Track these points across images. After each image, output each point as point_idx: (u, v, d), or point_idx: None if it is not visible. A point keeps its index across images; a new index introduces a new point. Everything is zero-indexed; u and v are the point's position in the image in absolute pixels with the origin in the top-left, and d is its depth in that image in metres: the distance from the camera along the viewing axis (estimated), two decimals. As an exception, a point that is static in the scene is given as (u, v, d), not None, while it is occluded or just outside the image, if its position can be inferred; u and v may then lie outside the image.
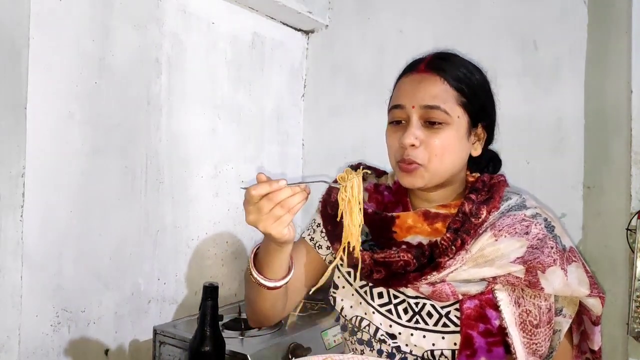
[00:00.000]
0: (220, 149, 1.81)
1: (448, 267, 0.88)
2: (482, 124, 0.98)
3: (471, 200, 0.94)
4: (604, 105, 1.49)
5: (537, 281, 0.87)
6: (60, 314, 1.37)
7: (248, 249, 1.93)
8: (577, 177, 1.54)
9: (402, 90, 0.96)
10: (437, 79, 0.93)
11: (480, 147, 0.99)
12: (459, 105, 0.92)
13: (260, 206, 0.82)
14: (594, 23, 1.52)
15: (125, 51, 1.49)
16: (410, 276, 0.90)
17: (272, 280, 0.93)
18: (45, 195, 1.32)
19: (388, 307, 0.96)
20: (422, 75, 0.94)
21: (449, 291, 0.89)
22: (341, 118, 2.03)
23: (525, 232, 0.90)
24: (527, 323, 0.89)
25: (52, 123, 1.34)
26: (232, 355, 1.32)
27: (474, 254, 0.89)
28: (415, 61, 0.99)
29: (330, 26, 2.08)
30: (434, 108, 0.91)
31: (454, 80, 0.93)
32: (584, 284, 0.90)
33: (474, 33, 1.72)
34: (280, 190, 0.81)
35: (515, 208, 0.94)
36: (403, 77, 0.98)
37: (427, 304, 0.93)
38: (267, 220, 0.82)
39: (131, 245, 1.53)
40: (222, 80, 1.80)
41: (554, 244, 0.91)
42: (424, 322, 0.93)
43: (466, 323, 0.88)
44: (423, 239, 0.95)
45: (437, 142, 0.91)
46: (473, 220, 0.91)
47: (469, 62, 0.99)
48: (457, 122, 0.92)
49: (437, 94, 0.92)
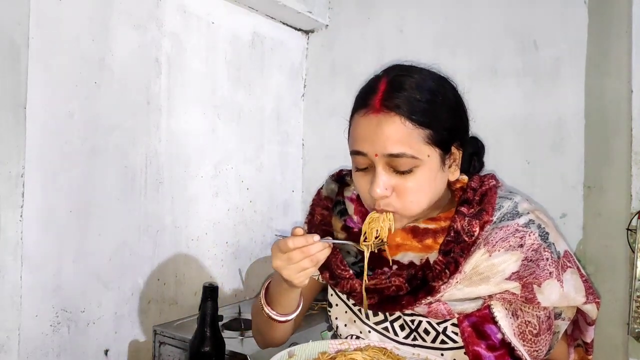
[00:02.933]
0: (220, 149, 1.80)
1: (442, 291, 0.86)
2: (455, 144, 0.89)
3: (462, 214, 0.89)
4: (604, 105, 1.49)
5: (534, 297, 0.86)
6: (59, 314, 1.37)
7: (248, 249, 1.92)
8: (577, 177, 1.54)
9: (359, 133, 0.87)
10: (395, 119, 0.82)
11: (458, 168, 0.92)
12: (425, 143, 0.84)
13: (292, 256, 0.83)
14: (594, 23, 1.52)
15: (125, 51, 1.49)
16: (404, 300, 0.88)
17: (283, 315, 0.95)
18: (45, 195, 1.32)
19: (384, 325, 0.94)
20: (377, 116, 0.84)
21: (445, 311, 0.87)
22: (341, 118, 2.03)
23: (520, 245, 0.86)
24: (527, 333, 0.88)
25: (52, 123, 1.34)
26: (232, 356, 1.32)
27: (468, 272, 0.86)
28: (367, 91, 0.88)
29: (330, 26, 2.08)
30: (399, 156, 0.83)
31: (414, 115, 0.83)
32: (579, 291, 0.89)
33: (474, 33, 1.72)
34: (312, 245, 0.83)
35: (508, 217, 0.90)
36: (357, 114, 0.88)
37: (424, 321, 0.91)
38: (293, 270, 0.84)
39: (131, 245, 1.53)
40: (221, 80, 1.80)
41: (549, 254, 0.88)
42: (422, 339, 0.91)
43: (470, 341, 0.87)
44: (414, 256, 0.92)
45: (409, 186, 0.85)
46: (466, 240, 0.87)
47: (427, 79, 0.88)
48: (428, 161, 0.85)
49: (400, 139, 0.82)
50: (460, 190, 0.96)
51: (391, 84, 0.86)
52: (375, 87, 0.87)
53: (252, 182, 1.92)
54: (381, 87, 0.86)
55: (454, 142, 0.89)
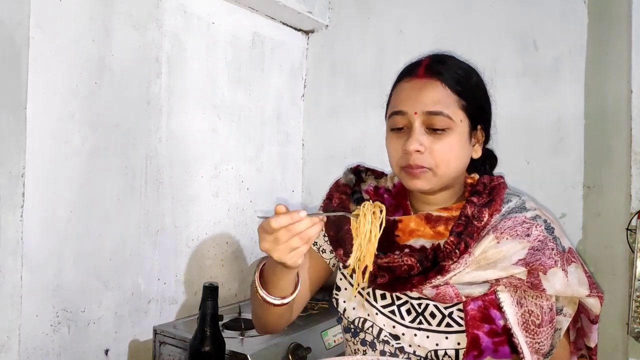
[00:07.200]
0: (220, 149, 1.80)
1: (452, 270, 0.88)
2: (480, 125, 0.98)
3: (473, 203, 0.94)
4: (604, 105, 1.49)
5: (539, 282, 0.88)
6: (60, 314, 1.37)
7: (248, 249, 1.93)
8: (577, 177, 1.54)
9: (402, 96, 0.95)
10: (437, 83, 0.92)
11: (480, 149, 0.99)
12: (460, 109, 0.92)
13: (278, 236, 0.80)
14: (594, 23, 1.52)
15: (125, 51, 1.49)
16: (415, 280, 0.90)
17: (279, 298, 0.93)
18: (45, 195, 1.32)
19: (391, 308, 0.96)
20: (421, 80, 0.93)
21: (453, 293, 0.89)
22: (341, 118, 2.03)
23: (527, 234, 0.90)
24: (530, 323, 0.89)
25: (52, 123, 1.34)
26: (232, 355, 1.32)
27: (477, 256, 0.89)
28: (412, 65, 0.99)
29: (330, 26, 2.08)
30: (437, 114, 0.90)
31: (454, 83, 0.92)
32: (583, 284, 0.91)
33: (474, 33, 1.72)
34: (300, 222, 0.80)
35: (516, 210, 0.94)
36: (401, 81, 0.97)
37: (430, 304, 0.93)
38: (283, 251, 0.81)
39: (131, 245, 1.53)
40: (222, 80, 1.80)
41: (554, 245, 0.91)
42: (427, 323, 0.93)
43: (472, 324, 0.89)
44: (426, 242, 0.95)
45: (442, 148, 0.91)
46: (476, 224, 0.91)
47: (465, 64, 0.98)
48: (460, 126, 0.92)
49: (439, 99, 0.91)
50: (471, 186, 1.01)
51: (434, 58, 0.97)
52: (419, 62, 0.97)
53: (252, 182, 1.92)
54: (425, 61, 0.97)
55: (481, 122, 0.97)
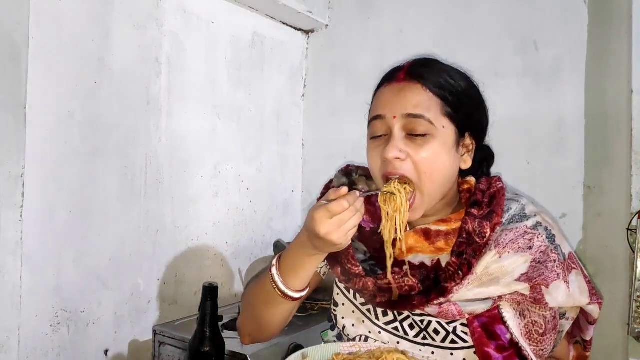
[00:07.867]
0: (220, 149, 1.80)
1: (454, 292, 0.86)
2: (469, 133, 0.93)
3: (473, 216, 0.91)
4: (604, 105, 1.49)
5: (542, 297, 0.86)
6: (59, 314, 1.37)
7: (248, 249, 1.92)
8: (577, 177, 1.54)
9: (381, 100, 0.92)
10: (418, 86, 0.89)
11: (470, 159, 0.95)
12: (443, 115, 0.88)
13: (343, 217, 0.81)
14: (594, 23, 1.52)
15: (125, 51, 1.49)
16: (416, 301, 0.88)
17: (297, 292, 0.93)
18: (45, 195, 1.32)
19: (394, 325, 0.94)
20: (401, 84, 0.90)
21: (455, 311, 0.87)
22: (341, 118, 2.03)
23: (529, 247, 0.88)
24: (534, 332, 0.88)
25: (52, 123, 1.34)
26: (231, 356, 1.32)
27: (479, 274, 0.87)
28: (393, 70, 0.95)
29: (330, 26, 2.08)
30: (417, 117, 0.86)
31: (436, 87, 0.89)
32: (584, 292, 0.91)
33: (474, 33, 1.72)
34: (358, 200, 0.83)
35: (517, 219, 0.92)
36: (381, 87, 0.94)
37: (433, 320, 0.91)
38: (343, 231, 0.82)
39: (131, 245, 1.53)
40: (221, 80, 1.80)
41: (556, 256, 0.89)
42: (432, 339, 0.91)
43: (480, 342, 0.87)
44: (425, 257, 0.93)
45: (423, 156, 0.86)
46: (478, 241, 0.88)
47: (451, 68, 0.94)
48: (443, 132, 0.88)
49: (419, 102, 0.87)
50: (468, 192, 0.97)
51: (416, 62, 0.94)
52: (401, 66, 0.94)
53: (252, 182, 1.92)
54: (406, 65, 0.93)
55: (469, 129, 0.93)
